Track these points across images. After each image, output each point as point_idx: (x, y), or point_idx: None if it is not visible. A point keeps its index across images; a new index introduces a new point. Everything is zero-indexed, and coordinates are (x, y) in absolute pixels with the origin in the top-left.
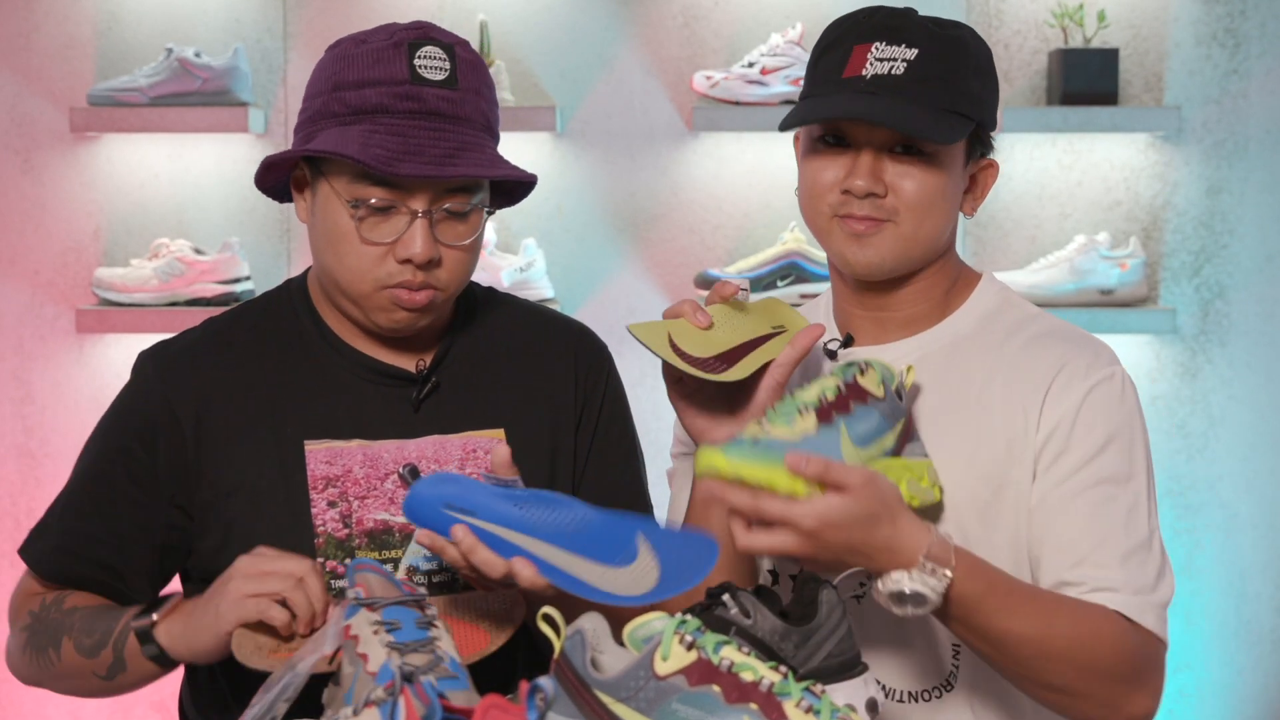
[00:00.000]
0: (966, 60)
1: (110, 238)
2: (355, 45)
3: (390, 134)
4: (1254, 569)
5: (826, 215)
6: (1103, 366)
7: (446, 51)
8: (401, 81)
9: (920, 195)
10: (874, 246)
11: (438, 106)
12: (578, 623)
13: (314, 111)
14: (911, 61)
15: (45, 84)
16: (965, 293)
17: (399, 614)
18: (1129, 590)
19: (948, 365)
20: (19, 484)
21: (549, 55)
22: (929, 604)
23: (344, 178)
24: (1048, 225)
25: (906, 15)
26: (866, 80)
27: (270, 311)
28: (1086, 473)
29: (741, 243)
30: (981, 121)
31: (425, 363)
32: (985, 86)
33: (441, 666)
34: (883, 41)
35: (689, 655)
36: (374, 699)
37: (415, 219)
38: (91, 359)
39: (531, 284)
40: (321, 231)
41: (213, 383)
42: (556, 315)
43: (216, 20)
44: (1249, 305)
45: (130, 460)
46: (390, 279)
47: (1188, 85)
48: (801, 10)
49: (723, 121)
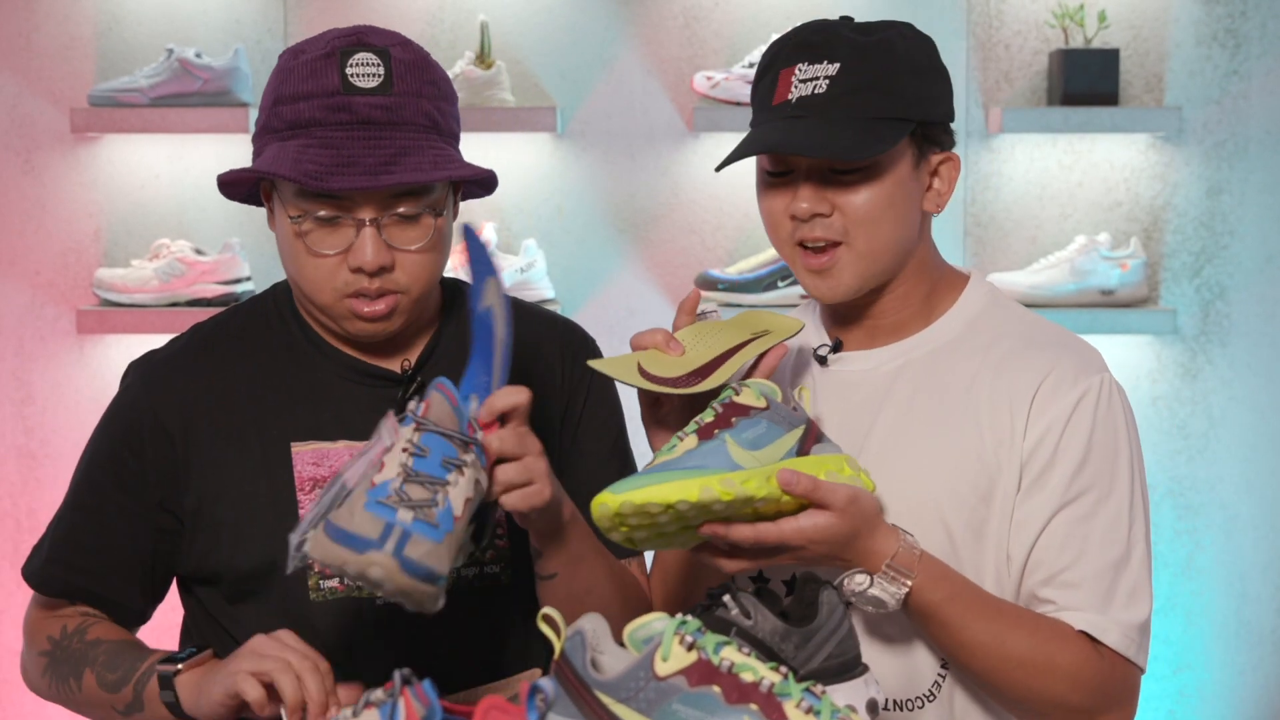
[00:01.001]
0: (893, 63)
1: (111, 238)
2: (292, 58)
3: (324, 147)
4: (1254, 570)
5: (788, 244)
6: (1091, 374)
7: (380, 56)
8: (333, 93)
9: (867, 209)
10: (834, 277)
11: (370, 115)
12: (578, 623)
13: (260, 126)
14: (834, 77)
15: (46, 84)
16: (951, 295)
17: (435, 443)
18: (1094, 609)
19: (933, 370)
20: (19, 484)
21: (549, 56)
22: (888, 607)
23: (289, 192)
24: (1048, 226)
25: (831, 29)
26: (792, 105)
27: (256, 316)
28: (1068, 485)
29: (742, 243)
30: (927, 119)
31: (410, 363)
32: (924, 82)
33: (430, 510)
34: (805, 62)
35: (689, 656)
36: (374, 700)
37: (363, 227)
38: (92, 360)
39: (532, 284)
40: (281, 244)
41: (198, 388)
42: (540, 310)
43: (217, 21)
44: (1249, 306)
45: (120, 469)
46: (347, 288)
47: (1188, 86)
48: (802, 11)
49: (723, 122)
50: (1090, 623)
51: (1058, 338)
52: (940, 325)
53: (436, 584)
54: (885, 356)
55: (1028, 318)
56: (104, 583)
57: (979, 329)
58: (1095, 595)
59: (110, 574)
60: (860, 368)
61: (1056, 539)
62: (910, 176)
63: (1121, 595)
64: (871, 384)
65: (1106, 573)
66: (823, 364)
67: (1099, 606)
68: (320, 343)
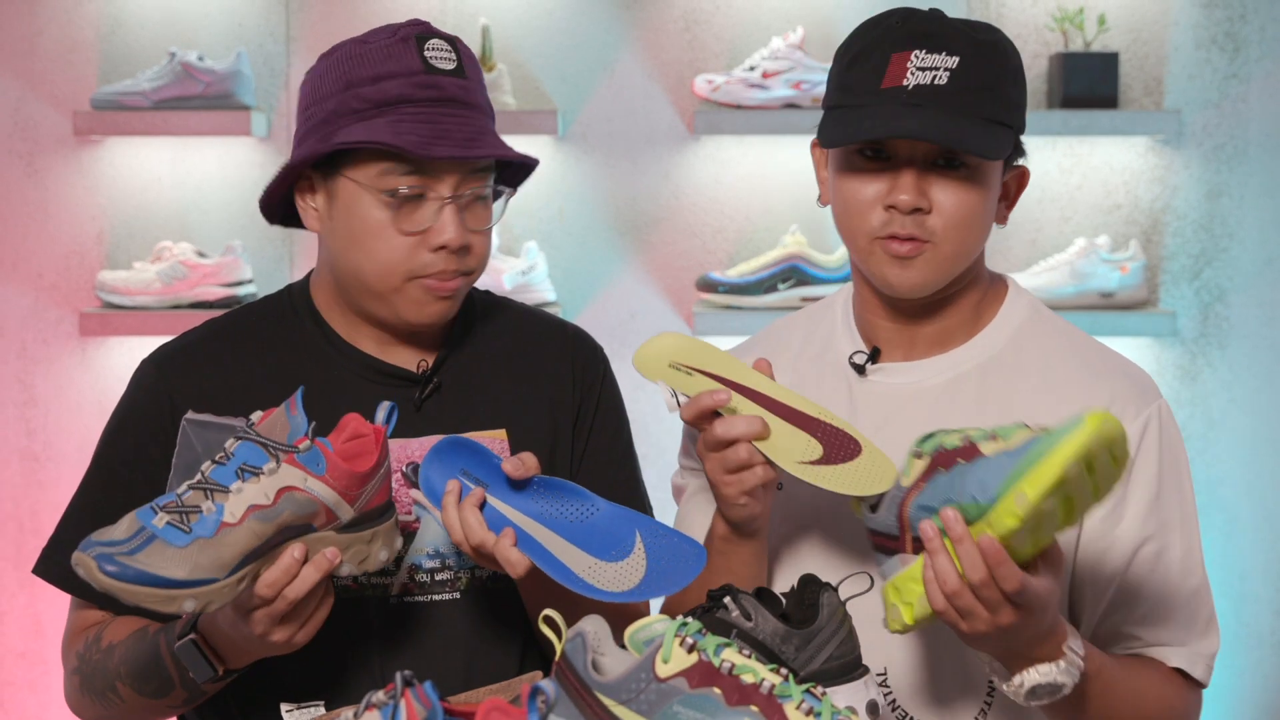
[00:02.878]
0: (1006, 66)
1: (113, 241)
2: (359, 45)
3: (417, 121)
4: (1254, 571)
5: (868, 235)
6: (1149, 400)
7: (450, 43)
8: (417, 71)
9: (962, 211)
10: (917, 269)
11: (454, 93)
12: (579, 625)
13: (327, 113)
14: (954, 70)
15: (49, 88)
16: (994, 304)
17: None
18: (1181, 643)
19: (988, 387)
20: (22, 487)
21: (550, 59)
22: (1062, 693)
23: (371, 171)
24: (1048, 228)
25: (942, 21)
26: (909, 91)
27: (271, 313)
28: (1145, 518)
29: (743, 246)
30: (1021, 129)
31: (428, 363)
32: (1022, 93)
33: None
34: (923, 49)
35: (690, 657)
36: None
37: (444, 206)
38: (94, 362)
39: (533, 287)
40: (345, 230)
41: (215, 380)
42: (552, 318)
43: (219, 24)
44: (1249, 308)
45: (145, 461)
46: (424, 269)
47: (1187, 89)
48: (802, 14)
49: (724, 125)
50: (1184, 659)
51: (1113, 363)
52: (985, 338)
53: (165, 587)
54: (931, 370)
55: (1074, 335)
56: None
57: (1025, 345)
58: (1181, 629)
59: None
60: (903, 380)
61: (1141, 574)
62: (998, 184)
63: (1201, 625)
64: (919, 399)
65: (1189, 604)
66: (860, 372)
67: (1184, 639)
68: (338, 341)
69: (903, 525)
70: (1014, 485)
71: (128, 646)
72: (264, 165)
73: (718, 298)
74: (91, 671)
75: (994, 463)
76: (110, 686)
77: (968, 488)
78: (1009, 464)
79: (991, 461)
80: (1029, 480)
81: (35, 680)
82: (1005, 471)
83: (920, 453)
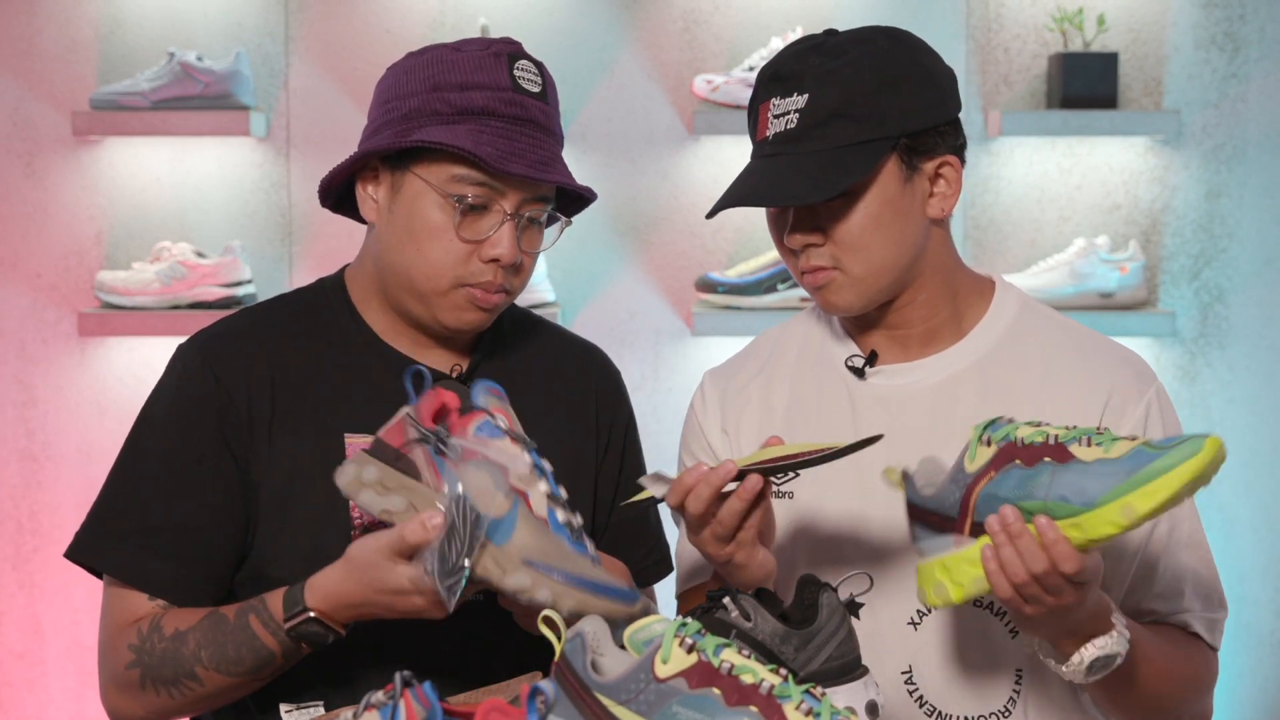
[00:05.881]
0: (860, 84)
1: (112, 241)
2: (452, 51)
3: (497, 135)
4: (1253, 572)
5: (796, 270)
6: (1148, 382)
7: (538, 66)
8: (505, 88)
9: (855, 235)
10: (835, 293)
11: (535, 116)
12: (578, 625)
13: (409, 109)
14: (803, 110)
15: (48, 88)
16: (981, 303)
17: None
18: (1204, 612)
19: (988, 383)
20: (21, 487)
21: (550, 59)
22: (1116, 664)
23: (442, 174)
24: (1047, 228)
25: (802, 56)
26: (770, 141)
27: (306, 306)
28: None
29: (742, 246)
30: (908, 131)
31: (462, 367)
32: (900, 94)
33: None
34: (776, 95)
35: (689, 658)
36: (374, 702)
37: (505, 220)
38: (94, 362)
39: (533, 288)
40: (404, 225)
41: (258, 366)
42: (574, 337)
43: (218, 24)
44: (1248, 309)
45: (205, 442)
46: (472, 277)
47: (1187, 89)
48: (801, 14)
49: (723, 125)
50: (1202, 624)
51: (1110, 351)
52: (977, 335)
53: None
54: (928, 369)
55: (1067, 325)
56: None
57: (1021, 338)
58: (1197, 598)
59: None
60: (902, 381)
61: (1157, 551)
62: (900, 192)
63: (1217, 593)
64: (921, 398)
65: (1199, 572)
66: (859, 376)
67: (1198, 608)
68: (373, 338)
69: (965, 508)
70: (1122, 497)
71: (205, 631)
72: (263, 165)
73: (717, 298)
74: (157, 661)
75: (1094, 469)
76: (187, 673)
77: (1058, 488)
78: (1113, 474)
79: (1091, 468)
80: (1140, 495)
81: (34, 680)
82: (1110, 481)
83: (989, 439)
